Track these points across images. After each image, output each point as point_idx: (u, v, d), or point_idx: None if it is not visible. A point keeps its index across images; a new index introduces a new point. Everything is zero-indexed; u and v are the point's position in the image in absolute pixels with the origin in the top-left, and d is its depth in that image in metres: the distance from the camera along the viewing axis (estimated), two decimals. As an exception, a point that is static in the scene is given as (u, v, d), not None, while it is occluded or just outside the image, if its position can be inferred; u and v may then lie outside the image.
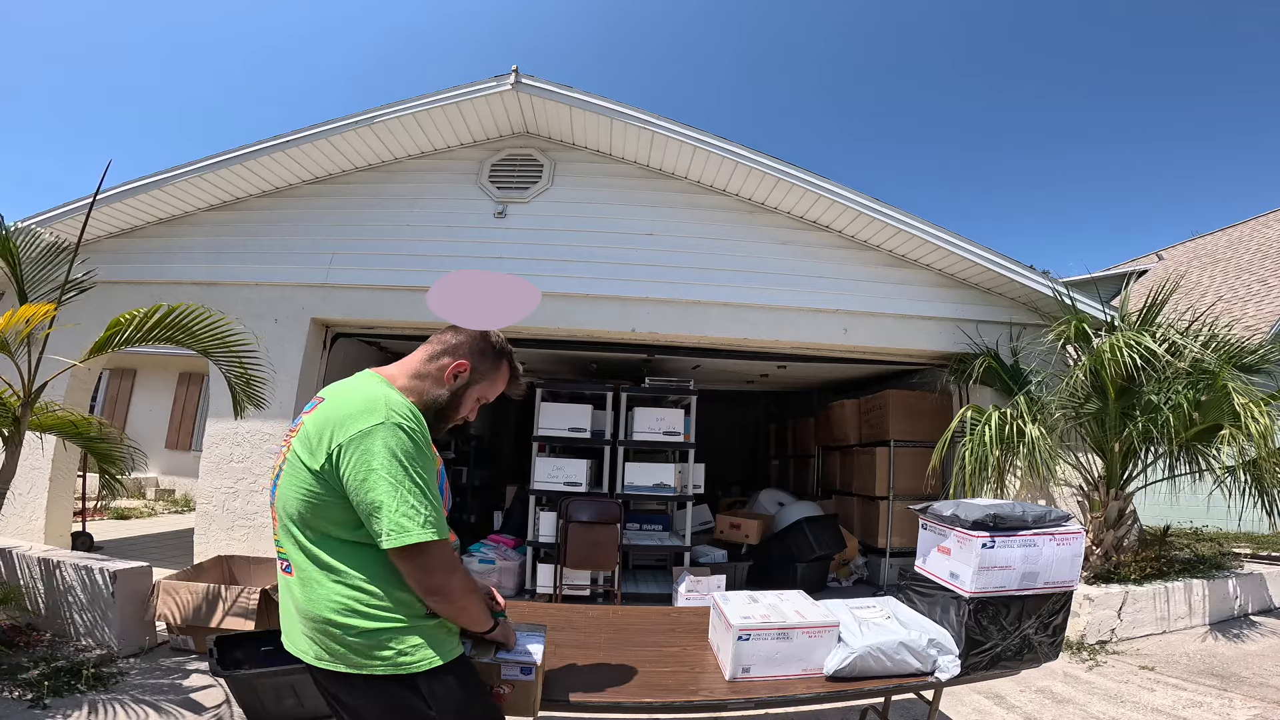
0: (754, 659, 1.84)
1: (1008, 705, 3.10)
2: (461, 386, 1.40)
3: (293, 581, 1.23)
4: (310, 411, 1.27)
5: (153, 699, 2.83)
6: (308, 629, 1.21)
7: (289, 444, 1.26)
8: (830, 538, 5.47)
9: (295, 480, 1.21)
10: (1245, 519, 4.04)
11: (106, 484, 3.87)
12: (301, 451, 1.21)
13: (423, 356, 1.40)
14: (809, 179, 4.68)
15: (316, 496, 1.19)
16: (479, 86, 4.64)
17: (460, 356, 1.39)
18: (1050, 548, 1.98)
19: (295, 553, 1.22)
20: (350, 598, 1.18)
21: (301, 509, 1.20)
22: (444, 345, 1.41)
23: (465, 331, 1.42)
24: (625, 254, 4.92)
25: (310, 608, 1.19)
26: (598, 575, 4.88)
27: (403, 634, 1.19)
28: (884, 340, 5.04)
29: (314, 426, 1.22)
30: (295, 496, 1.20)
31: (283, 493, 1.23)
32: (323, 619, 1.18)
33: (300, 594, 1.21)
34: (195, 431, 9.82)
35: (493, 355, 1.44)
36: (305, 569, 1.21)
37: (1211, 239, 12.21)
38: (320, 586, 1.19)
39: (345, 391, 1.29)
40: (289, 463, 1.23)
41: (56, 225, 4.60)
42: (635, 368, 6.36)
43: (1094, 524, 4.39)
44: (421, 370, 1.38)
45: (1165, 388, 4.13)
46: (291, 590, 1.23)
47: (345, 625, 1.17)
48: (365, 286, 4.84)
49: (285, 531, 1.24)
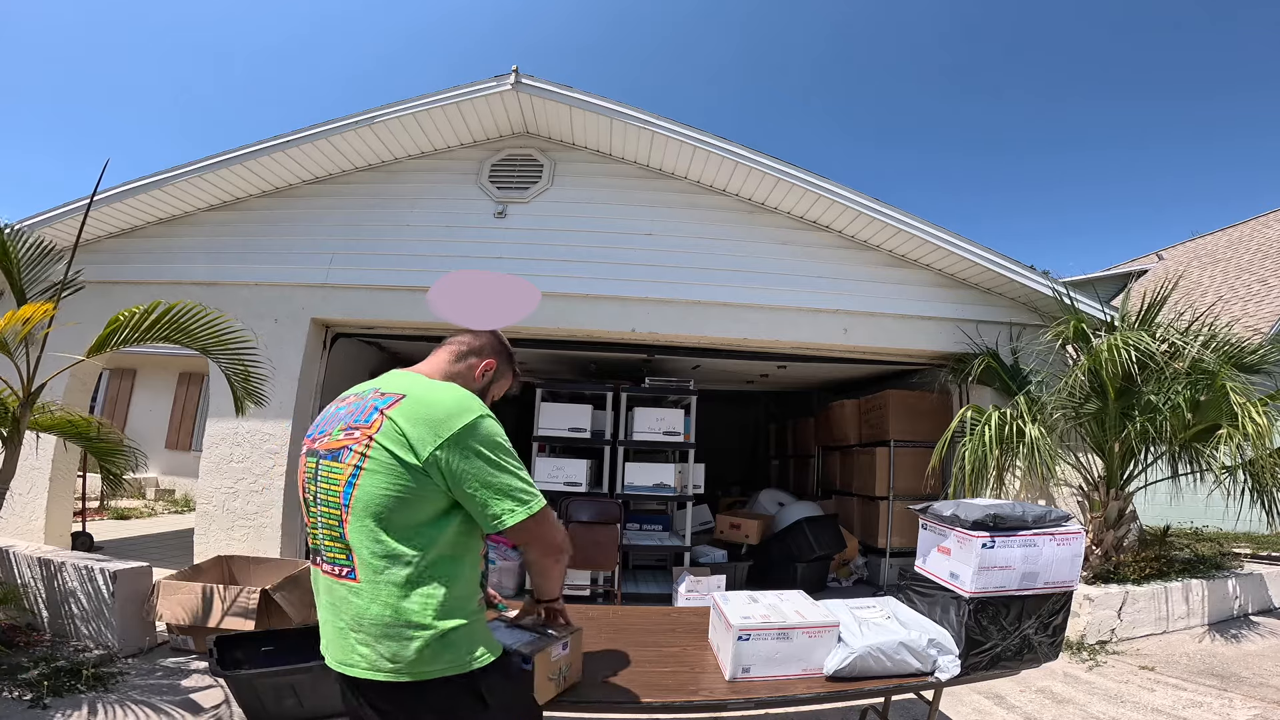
0: (754, 659, 1.84)
1: (1008, 705, 3.10)
2: (487, 385, 1.47)
3: (360, 587, 1.18)
4: (392, 406, 1.23)
5: (152, 699, 2.83)
6: (372, 636, 1.16)
7: (364, 441, 1.20)
8: (830, 538, 5.47)
9: (387, 476, 1.17)
10: (1245, 519, 4.05)
11: (109, 483, 3.85)
12: (394, 446, 1.18)
13: (448, 358, 1.44)
14: (809, 179, 4.69)
15: (410, 491, 1.17)
16: (479, 86, 4.64)
17: (487, 356, 1.47)
18: (1050, 548, 1.98)
19: (370, 554, 1.17)
20: (427, 595, 1.17)
21: (391, 505, 1.17)
22: (468, 346, 1.46)
23: (484, 333, 1.49)
24: (625, 254, 4.92)
25: (384, 611, 1.16)
26: (598, 575, 4.89)
27: (467, 631, 1.21)
28: (884, 340, 5.04)
29: (409, 423, 1.19)
30: (385, 493, 1.17)
31: (366, 490, 1.17)
32: (399, 621, 1.15)
33: (371, 597, 1.17)
34: (195, 431, 9.82)
35: (507, 356, 1.53)
36: (380, 569, 1.17)
37: (1211, 239, 12.21)
38: (398, 587, 1.16)
39: (427, 387, 1.28)
40: (374, 460, 1.18)
41: (56, 225, 4.60)
42: (635, 368, 6.36)
43: (1094, 524, 4.39)
44: (451, 370, 1.42)
45: (1165, 388, 4.14)
46: (358, 595, 1.18)
47: (422, 624, 1.15)
48: (365, 286, 4.84)
49: (363, 531, 1.18)
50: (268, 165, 4.78)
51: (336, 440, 1.24)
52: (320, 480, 1.24)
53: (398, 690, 1.16)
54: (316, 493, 1.25)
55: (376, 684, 1.17)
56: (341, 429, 1.25)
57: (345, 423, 1.26)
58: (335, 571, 1.22)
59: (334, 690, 1.27)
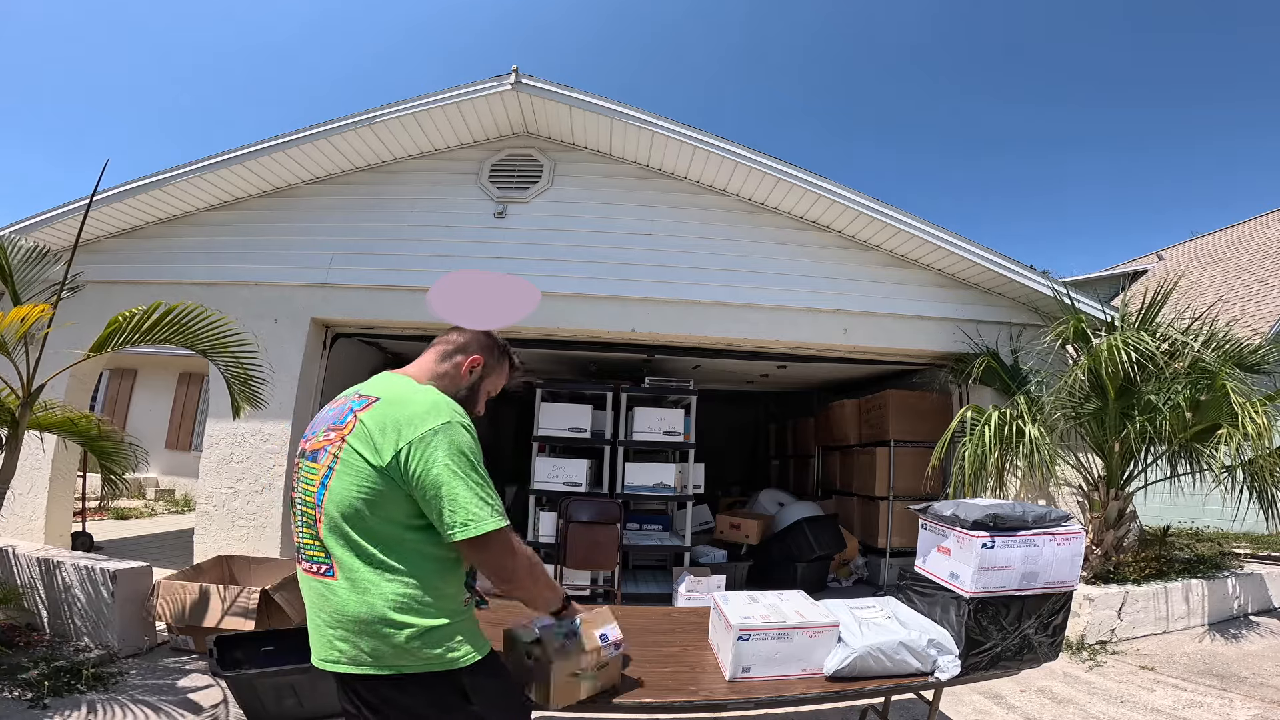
0: (754, 659, 1.84)
1: (1008, 705, 3.10)
2: (476, 381, 1.47)
3: (336, 585, 1.20)
4: (365, 409, 1.25)
5: (152, 699, 2.83)
6: (350, 631, 1.18)
7: (338, 442, 1.24)
8: (830, 538, 5.47)
9: (355, 478, 1.19)
10: (1244, 519, 4.05)
11: (109, 482, 3.85)
12: (362, 448, 1.20)
13: (434, 357, 1.44)
14: (809, 179, 4.69)
15: (377, 494, 1.18)
16: (479, 86, 4.64)
17: (473, 353, 1.46)
18: (1050, 548, 1.98)
19: (344, 553, 1.20)
20: (404, 595, 1.18)
21: (360, 507, 1.18)
22: (453, 344, 1.46)
23: (469, 330, 1.49)
24: (625, 254, 4.93)
25: (360, 608, 1.17)
26: (598, 575, 4.88)
27: (450, 630, 1.21)
28: (884, 340, 5.04)
29: (375, 424, 1.21)
30: (353, 494, 1.19)
31: (336, 492, 1.20)
32: (376, 618, 1.17)
33: (348, 595, 1.18)
34: (195, 431, 9.82)
35: (498, 350, 1.52)
36: (355, 569, 1.19)
37: (1211, 239, 12.21)
38: (373, 585, 1.17)
39: (402, 390, 1.30)
40: (344, 461, 1.21)
41: (56, 226, 4.61)
42: (635, 368, 6.36)
43: (1094, 524, 4.39)
44: (438, 370, 1.42)
45: (1164, 387, 4.14)
46: (334, 593, 1.20)
47: (399, 623, 1.17)
48: (365, 286, 4.84)
49: (334, 532, 1.20)
50: (268, 165, 4.78)
51: (318, 441, 1.29)
52: (300, 480, 1.29)
53: (379, 683, 1.19)
54: (299, 493, 1.29)
55: (360, 677, 1.19)
56: (324, 430, 1.29)
57: (328, 424, 1.30)
58: (314, 569, 1.24)
59: (334, 690, 1.28)
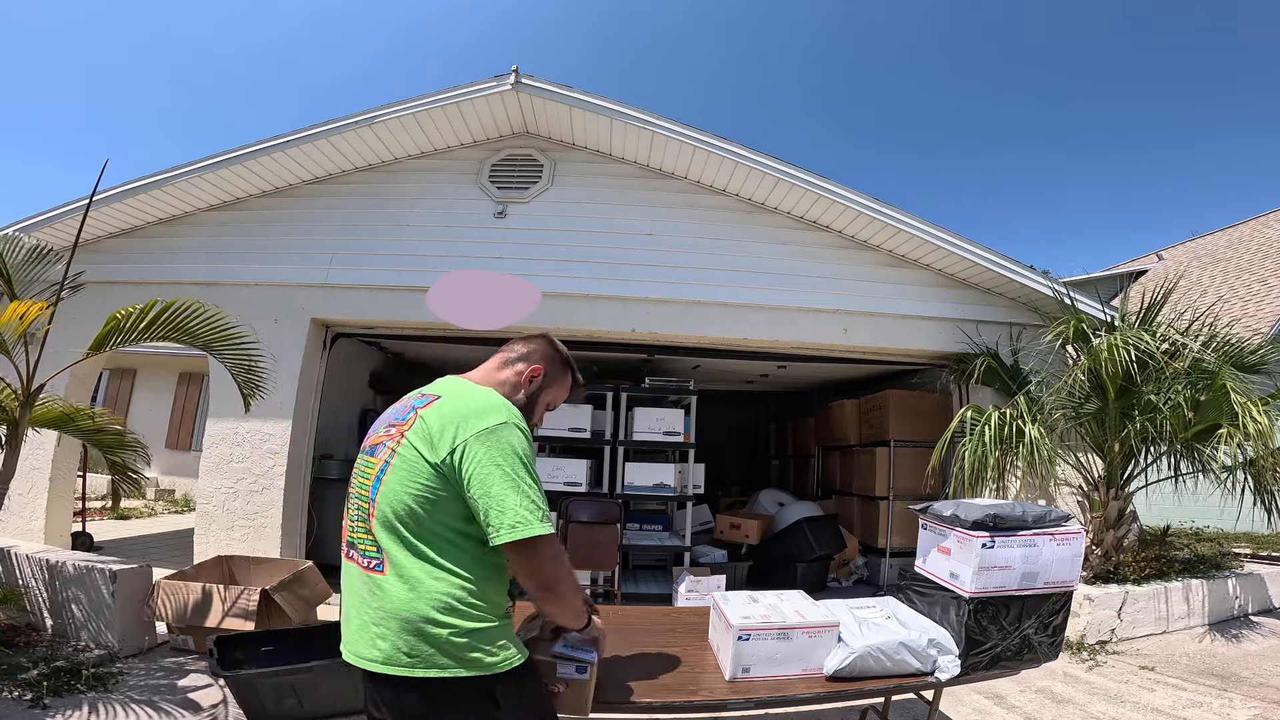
0: (754, 659, 1.84)
1: (1008, 705, 3.10)
2: (536, 391, 1.46)
3: (385, 580, 1.19)
4: (427, 406, 1.27)
5: (152, 699, 2.83)
6: (393, 629, 1.17)
7: (397, 437, 1.24)
8: (830, 538, 5.47)
9: (410, 473, 1.20)
10: (1245, 519, 4.05)
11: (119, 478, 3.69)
12: (420, 445, 1.20)
13: (497, 363, 1.46)
14: (809, 179, 4.69)
15: (433, 491, 1.18)
16: (479, 86, 4.64)
17: (534, 362, 1.46)
18: (1050, 548, 1.98)
19: (396, 549, 1.19)
20: (453, 596, 1.17)
21: (414, 503, 1.18)
22: (516, 353, 1.47)
23: (535, 340, 1.50)
24: (625, 254, 4.92)
25: (407, 606, 1.16)
26: (598, 575, 4.88)
27: (493, 634, 1.21)
28: (884, 340, 5.04)
29: (436, 421, 1.22)
30: (409, 490, 1.19)
31: (390, 487, 1.21)
32: (422, 617, 1.16)
33: (396, 591, 1.18)
34: (195, 431, 9.82)
35: (560, 362, 1.52)
36: (405, 566, 1.18)
37: (1211, 239, 12.21)
38: (421, 584, 1.17)
39: (463, 390, 1.32)
40: (401, 456, 1.22)
41: (56, 226, 4.61)
42: (635, 368, 6.36)
43: (1094, 524, 4.38)
44: (499, 377, 1.43)
45: (1165, 387, 4.13)
46: (381, 589, 1.19)
47: (445, 623, 1.16)
48: (365, 286, 4.83)
49: (386, 527, 1.20)
50: (268, 165, 4.78)
51: (378, 437, 1.30)
52: (358, 474, 1.30)
53: (410, 685, 1.17)
54: (355, 486, 1.29)
55: (391, 678, 1.17)
56: (385, 426, 1.31)
57: (390, 420, 1.31)
58: (365, 564, 1.23)
59: (334, 690, 1.28)
